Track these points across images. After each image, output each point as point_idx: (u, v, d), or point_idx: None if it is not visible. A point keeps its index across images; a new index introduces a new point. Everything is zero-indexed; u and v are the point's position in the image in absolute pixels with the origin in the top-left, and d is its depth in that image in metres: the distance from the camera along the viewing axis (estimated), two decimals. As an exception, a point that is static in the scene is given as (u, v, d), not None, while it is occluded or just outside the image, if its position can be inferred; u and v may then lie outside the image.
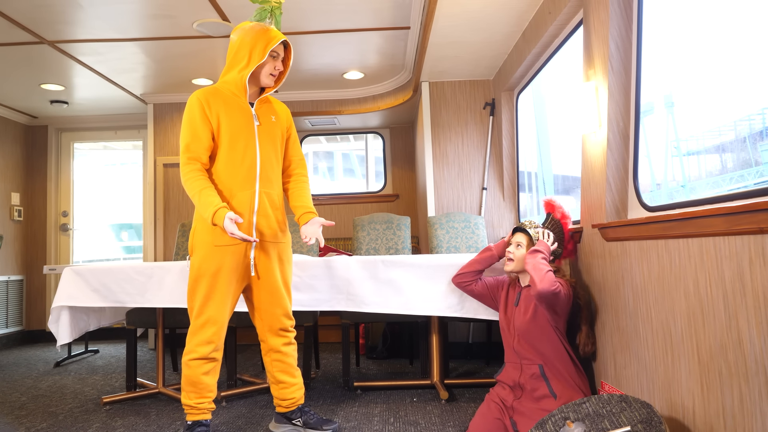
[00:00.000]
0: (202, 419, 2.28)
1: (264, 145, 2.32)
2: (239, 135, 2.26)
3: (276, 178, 2.38)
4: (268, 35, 2.21)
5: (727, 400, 1.54)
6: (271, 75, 2.29)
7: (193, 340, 2.24)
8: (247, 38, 2.21)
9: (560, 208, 2.54)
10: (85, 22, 3.46)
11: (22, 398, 3.22)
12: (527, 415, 2.20)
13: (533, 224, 2.45)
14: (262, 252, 2.32)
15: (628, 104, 2.31)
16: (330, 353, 4.40)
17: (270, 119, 2.36)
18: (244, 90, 2.27)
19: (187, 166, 2.23)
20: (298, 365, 2.47)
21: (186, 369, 2.26)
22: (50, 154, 5.74)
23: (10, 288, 5.36)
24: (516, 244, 2.43)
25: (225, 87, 2.30)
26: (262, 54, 2.20)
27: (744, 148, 2.32)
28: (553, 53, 3.36)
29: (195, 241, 2.29)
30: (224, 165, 2.26)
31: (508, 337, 2.41)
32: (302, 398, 2.44)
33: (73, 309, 2.93)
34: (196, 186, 2.20)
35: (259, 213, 2.29)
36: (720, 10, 2.24)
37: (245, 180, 2.27)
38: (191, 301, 2.27)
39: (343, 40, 3.89)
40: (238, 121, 2.27)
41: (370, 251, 4.02)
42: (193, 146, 2.23)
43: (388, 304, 2.77)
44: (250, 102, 2.33)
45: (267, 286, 2.34)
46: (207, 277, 2.23)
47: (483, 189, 4.33)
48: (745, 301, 1.45)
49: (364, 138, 6.49)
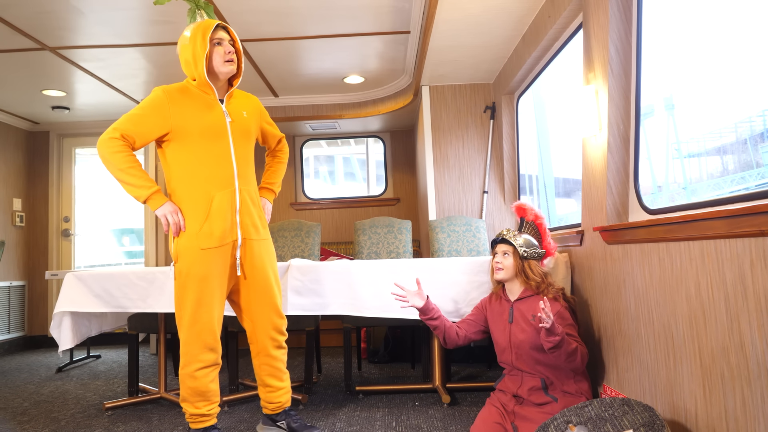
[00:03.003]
0: (212, 424, 2.27)
1: (237, 142, 2.27)
2: (212, 133, 2.22)
3: (251, 175, 2.35)
4: (202, 25, 2.18)
5: (730, 403, 1.53)
6: (226, 62, 2.21)
7: (193, 350, 2.18)
8: (185, 41, 2.20)
9: (532, 211, 2.54)
10: (86, 29, 3.47)
11: (25, 404, 3.22)
12: (529, 418, 2.19)
13: (511, 231, 2.45)
14: (248, 251, 2.28)
15: (629, 107, 2.31)
16: (332, 357, 4.39)
17: (242, 114, 2.32)
18: (209, 86, 2.22)
19: (115, 141, 2.13)
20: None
21: (191, 381, 2.19)
22: (52, 160, 5.75)
23: (12, 293, 5.37)
24: (502, 253, 2.42)
25: (192, 86, 2.25)
26: (203, 44, 2.15)
27: (745, 149, 2.32)
28: (553, 57, 3.37)
29: (179, 247, 2.21)
30: (200, 165, 2.20)
31: (506, 352, 2.38)
32: (289, 402, 2.43)
33: (75, 314, 2.94)
34: (123, 161, 2.13)
35: (242, 211, 2.26)
36: (719, 12, 2.24)
37: (223, 179, 2.22)
38: (180, 309, 2.20)
39: (344, 45, 3.90)
40: (208, 118, 2.22)
41: (372, 255, 4.02)
42: (131, 128, 2.16)
43: (389, 308, 2.77)
44: (219, 99, 2.28)
45: (256, 284, 2.30)
46: (196, 283, 2.17)
47: (484, 192, 4.33)
48: (746, 304, 1.45)
49: (364, 142, 6.51)
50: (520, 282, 2.40)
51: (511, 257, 2.39)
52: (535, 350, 2.27)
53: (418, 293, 2.45)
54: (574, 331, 2.26)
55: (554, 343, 2.06)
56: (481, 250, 3.95)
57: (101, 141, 2.15)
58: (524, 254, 2.37)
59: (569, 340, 2.12)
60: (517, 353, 2.33)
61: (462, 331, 2.48)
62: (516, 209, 2.60)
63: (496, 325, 2.45)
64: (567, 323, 2.27)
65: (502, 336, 2.40)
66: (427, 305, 2.44)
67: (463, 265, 2.82)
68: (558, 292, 2.37)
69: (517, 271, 2.39)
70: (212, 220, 2.19)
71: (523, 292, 2.39)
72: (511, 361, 2.36)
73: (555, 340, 2.06)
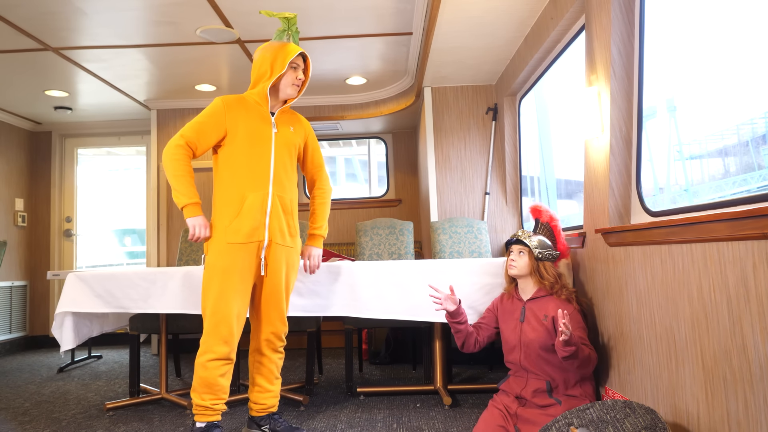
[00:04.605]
0: (215, 420, 2.30)
1: (279, 150, 2.41)
2: (257, 139, 2.37)
3: (290, 183, 2.45)
4: (287, 49, 2.37)
5: (732, 405, 1.53)
6: (293, 85, 2.42)
7: (209, 340, 2.27)
8: (267, 54, 2.37)
9: (547, 212, 2.60)
10: (89, 29, 3.48)
11: (26, 404, 3.22)
12: (532, 421, 2.19)
13: (526, 233, 2.48)
14: (271, 253, 2.37)
15: (631, 109, 2.31)
16: (333, 359, 4.39)
17: (288, 129, 2.48)
18: (266, 98, 2.40)
19: (180, 148, 2.32)
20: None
21: (202, 370, 2.26)
22: (54, 160, 5.76)
23: (13, 293, 5.37)
24: (518, 252, 2.46)
25: (250, 96, 2.43)
26: (282, 65, 2.34)
27: (747, 151, 2.32)
28: (555, 58, 3.36)
29: (210, 240, 2.36)
30: (241, 167, 2.35)
31: (515, 351, 2.39)
32: (275, 407, 2.47)
33: (76, 315, 2.94)
34: (179, 169, 2.31)
35: (272, 215, 2.35)
36: (721, 14, 2.24)
37: (258, 182, 2.35)
38: (204, 300, 2.31)
39: (346, 46, 3.90)
40: (257, 126, 2.38)
41: (373, 256, 4.02)
42: (194, 135, 2.34)
43: (391, 309, 2.77)
44: (271, 112, 2.44)
45: (269, 287, 2.39)
46: (219, 274, 2.28)
47: (486, 194, 4.33)
48: (749, 307, 1.44)
49: (366, 143, 6.51)
50: (534, 282, 2.43)
51: (526, 256, 2.43)
52: (544, 350, 2.27)
53: (451, 297, 2.51)
54: (585, 335, 2.27)
55: (570, 353, 2.08)
56: (483, 252, 3.95)
57: (168, 146, 2.33)
58: (539, 255, 2.41)
59: (583, 348, 2.13)
60: (525, 352, 2.33)
61: (480, 338, 2.53)
62: (531, 210, 2.65)
63: (507, 323, 2.47)
64: (578, 326, 2.28)
65: (513, 334, 2.41)
66: (458, 309, 2.50)
67: (465, 267, 2.82)
68: (571, 294, 2.39)
69: (532, 270, 2.42)
70: (242, 218, 2.31)
71: (536, 292, 2.42)
72: (519, 360, 2.36)
73: (571, 350, 2.07)
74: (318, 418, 2.73)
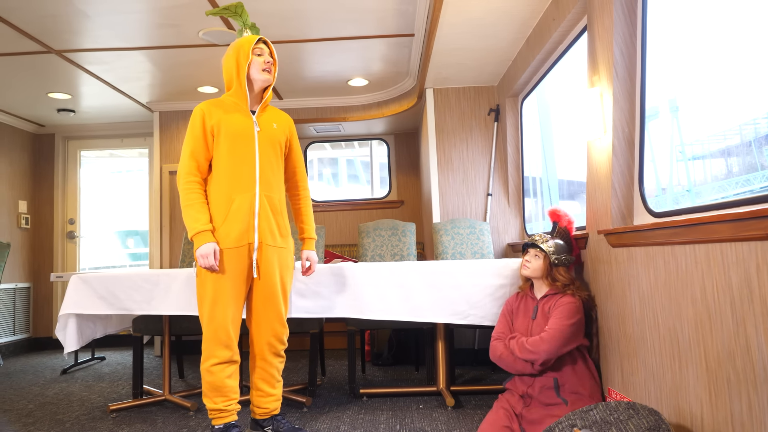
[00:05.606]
0: (232, 421, 2.31)
1: (264, 149, 2.38)
2: (240, 140, 2.35)
3: (277, 182, 2.43)
4: (245, 40, 2.37)
5: (736, 407, 1.53)
6: (264, 70, 2.38)
7: (210, 346, 2.27)
8: (230, 54, 2.38)
9: (566, 216, 2.64)
10: (91, 32, 3.49)
11: (30, 406, 3.23)
12: (537, 421, 2.19)
13: (543, 237, 2.52)
14: (262, 255, 2.35)
15: (633, 110, 2.31)
16: (336, 360, 4.39)
17: (271, 126, 2.44)
18: (245, 95, 2.38)
19: (189, 177, 2.33)
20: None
21: (208, 375, 2.28)
22: (57, 162, 5.78)
23: (17, 295, 5.39)
24: (533, 254, 2.50)
25: (227, 98, 2.42)
26: (246, 56, 2.34)
27: (749, 152, 2.32)
28: (557, 59, 3.36)
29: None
30: (225, 170, 2.33)
31: None
32: (277, 410, 2.46)
33: (80, 316, 2.95)
34: (191, 198, 2.31)
35: (260, 216, 2.34)
36: (724, 15, 2.23)
37: (245, 183, 2.33)
38: (200, 307, 2.31)
39: (348, 48, 3.91)
40: (238, 126, 2.35)
41: (376, 258, 4.02)
42: (194, 161, 2.34)
43: (393, 310, 2.77)
44: (252, 110, 2.42)
45: (264, 290, 2.37)
46: (212, 281, 2.27)
47: (488, 195, 4.33)
48: (752, 308, 1.44)
49: (368, 144, 6.51)
50: (546, 283, 2.48)
51: (540, 260, 2.48)
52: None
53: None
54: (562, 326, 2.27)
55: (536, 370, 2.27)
56: (485, 253, 3.95)
57: (180, 176, 2.34)
58: (555, 261, 2.45)
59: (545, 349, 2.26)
60: None
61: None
62: (550, 214, 2.69)
63: (520, 321, 2.51)
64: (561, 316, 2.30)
65: (525, 332, 2.44)
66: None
67: (468, 268, 2.81)
68: (579, 291, 2.41)
69: (545, 274, 2.46)
70: (230, 222, 2.29)
71: (548, 290, 2.47)
72: None
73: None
74: (321, 420, 2.74)
